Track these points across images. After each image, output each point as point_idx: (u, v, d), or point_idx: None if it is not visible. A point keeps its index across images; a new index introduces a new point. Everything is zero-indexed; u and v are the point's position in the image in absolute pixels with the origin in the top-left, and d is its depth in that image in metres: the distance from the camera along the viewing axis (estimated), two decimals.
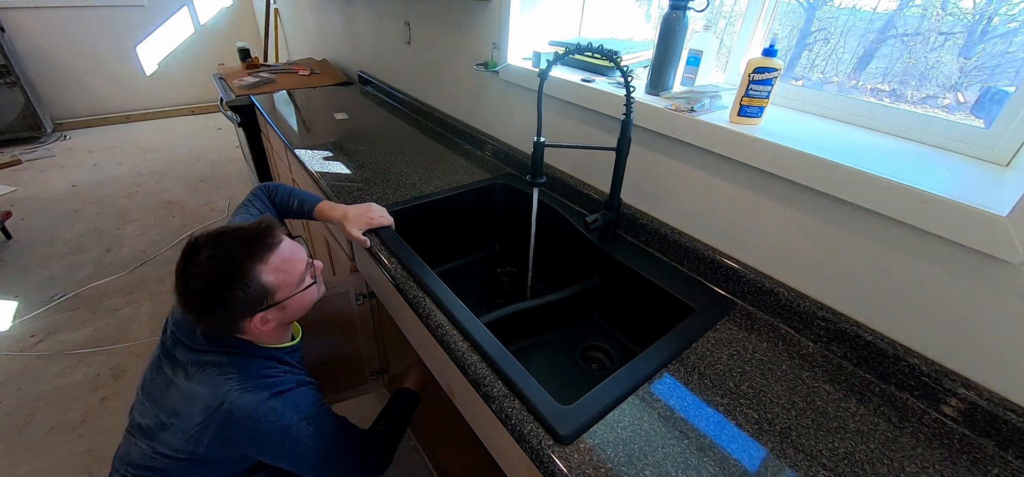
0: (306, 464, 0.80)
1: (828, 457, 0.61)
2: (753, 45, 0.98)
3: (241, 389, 0.75)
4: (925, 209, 0.62)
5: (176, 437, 0.77)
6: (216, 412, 0.74)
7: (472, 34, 1.43)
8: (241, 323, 0.76)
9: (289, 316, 0.83)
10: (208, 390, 0.75)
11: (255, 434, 0.75)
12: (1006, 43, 0.80)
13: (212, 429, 0.74)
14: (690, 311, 0.86)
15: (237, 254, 0.73)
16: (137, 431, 0.83)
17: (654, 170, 1.01)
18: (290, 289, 0.79)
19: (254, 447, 0.77)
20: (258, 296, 0.74)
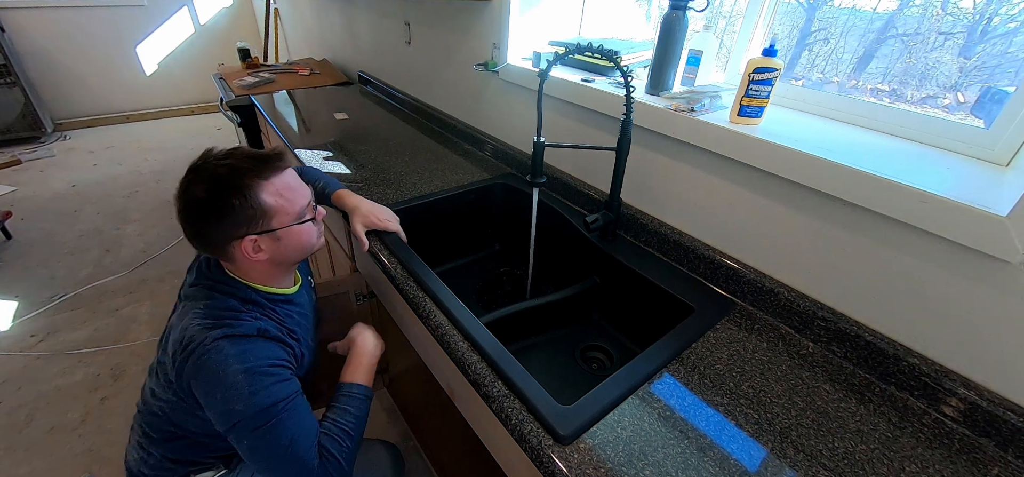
0: (228, 427, 0.71)
1: (828, 457, 0.61)
2: (753, 45, 0.98)
3: (201, 324, 0.72)
4: (925, 209, 0.62)
5: (163, 375, 0.78)
6: (178, 345, 0.73)
7: (472, 34, 1.43)
8: (233, 243, 0.73)
9: (283, 252, 0.79)
10: (180, 324, 0.74)
11: (196, 369, 0.71)
12: (1006, 43, 0.80)
13: (177, 363, 0.73)
14: (690, 311, 0.86)
15: (242, 165, 0.72)
16: (150, 371, 0.85)
17: (654, 170, 1.01)
18: (287, 219, 0.76)
19: (197, 386, 0.72)
20: (254, 214, 0.73)
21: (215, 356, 0.70)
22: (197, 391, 0.72)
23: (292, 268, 0.87)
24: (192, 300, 0.76)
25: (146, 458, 0.85)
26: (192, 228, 0.74)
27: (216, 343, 0.70)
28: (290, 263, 0.84)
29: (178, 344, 0.73)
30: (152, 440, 0.84)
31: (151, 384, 0.83)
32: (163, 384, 0.78)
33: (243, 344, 0.72)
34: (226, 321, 0.73)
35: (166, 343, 0.78)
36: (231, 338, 0.72)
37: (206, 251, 0.78)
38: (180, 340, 0.72)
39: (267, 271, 0.81)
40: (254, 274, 0.80)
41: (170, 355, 0.75)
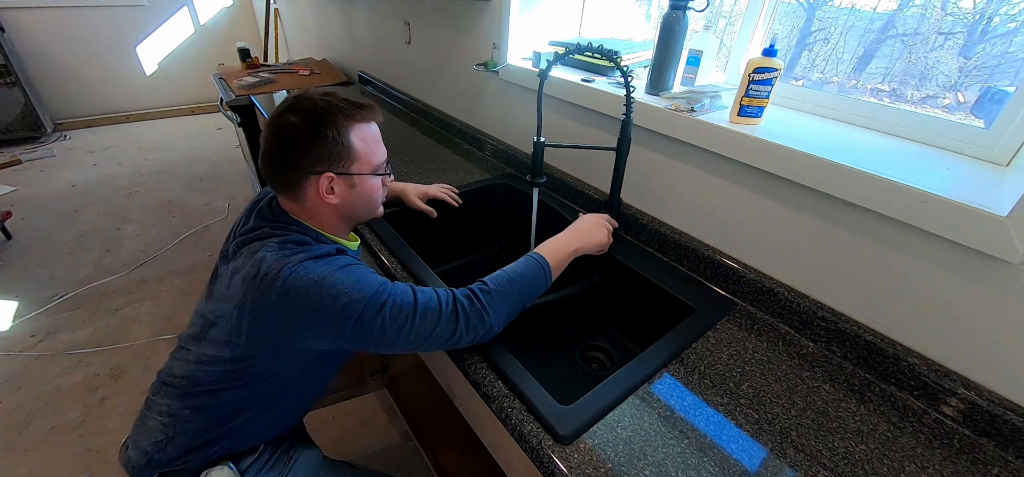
0: (351, 324, 0.66)
1: (828, 457, 0.61)
2: (753, 45, 0.98)
3: (278, 254, 0.69)
4: (925, 209, 0.62)
5: (221, 331, 0.73)
6: (252, 281, 0.68)
7: (472, 34, 1.43)
8: (310, 179, 0.73)
9: (351, 202, 0.78)
10: (247, 262, 0.71)
11: (286, 292, 0.66)
12: (1006, 43, 0.80)
13: (249, 305, 0.69)
14: (690, 311, 0.86)
15: (338, 104, 0.73)
16: (185, 342, 0.80)
17: (654, 170, 1.01)
18: (366, 167, 0.77)
19: (291, 310, 0.67)
20: (339, 152, 0.73)
21: (303, 272, 0.67)
22: (291, 315, 0.67)
23: (351, 226, 0.85)
24: (259, 239, 0.73)
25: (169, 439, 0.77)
26: (277, 155, 0.73)
27: (302, 264, 0.67)
28: (352, 218, 0.82)
29: (252, 280, 0.68)
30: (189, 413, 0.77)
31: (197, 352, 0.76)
32: (222, 341, 0.73)
33: (328, 260, 0.70)
34: (304, 249, 0.71)
35: (226, 290, 0.73)
36: (314, 259, 0.70)
37: (280, 185, 0.75)
38: (255, 275, 0.68)
39: (331, 220, 0.79)
40: (319, 218, 0.78)
41: (238, 300, 0.70)
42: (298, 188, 0.74)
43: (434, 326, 0.68)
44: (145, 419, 0.81)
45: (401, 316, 0.68)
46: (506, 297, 0.74)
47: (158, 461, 0.77)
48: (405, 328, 0.68)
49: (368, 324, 0.66)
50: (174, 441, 0.77)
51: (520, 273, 0.78)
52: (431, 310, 0.69)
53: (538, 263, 0.80)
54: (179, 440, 0.77)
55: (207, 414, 0.77)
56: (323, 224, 0.79)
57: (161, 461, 0.77)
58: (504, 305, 0.74)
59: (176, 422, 0.77)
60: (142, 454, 0.78)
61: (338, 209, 0.77)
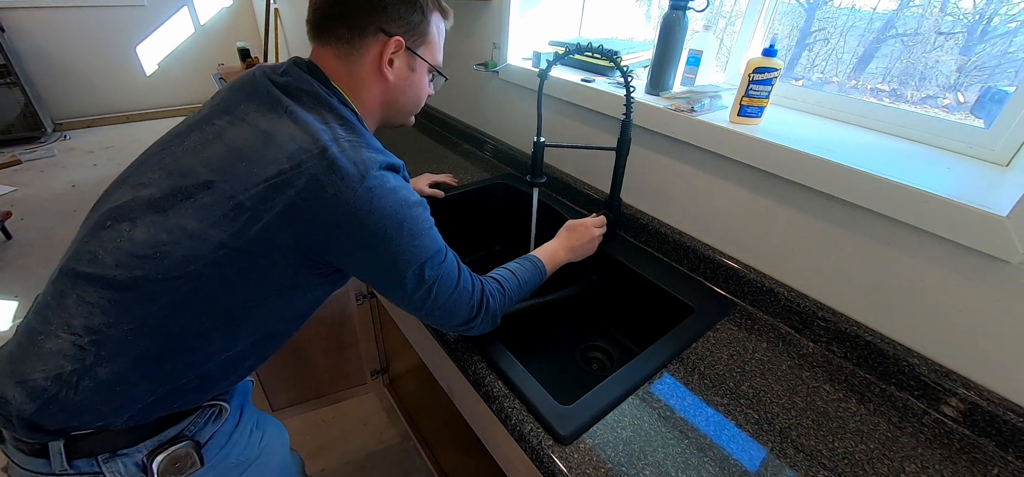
0: (415, 265, 0.58)
1: (828, 457, 0.61)
2: (753, 45, 0.98)
3: (352, 143, 0.56)
4: (925, 209, 0.62)
5: (219, 201, 0.53)
6: (313, 158, 0.52)
7: (472, 34, 1.43)
8: (379, 36, 0.63)
9: (401, 89, 0.69)
10: (302, 130, 0.54)
11: (366, 210, 0.53)
12: (1006, 43, 0.80)
13: (301, 184, 0.52)
14: (690, 311, 0.86)
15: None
16: (133, 211, 0.54)
17: (654, 170, 1.01)
18: (431, 58, 0.71)
19: (352, 230, 0.54)
20: (419, 24, 0.66)
21: (391, 189, 0.56)
22: (353, 232, 0.54)
23: (382, 122, 0.74)
24: (311, 102, 0.58)
25: (84, 373, 0.51)
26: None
27: (386, 176, 0.56)
28: (391, 110, 0.72)
29: (310, 156, 0.52)
30: (129, 333, 0.52)
31: (165, 223, 0.53)
32: (218, 216, 0.53)
33: (403, 183, 0.60)
34: (369, 146, 0.58)
35: (231, 149, 0.55)
36: (392, 170, 0.59)
37: (337, 28, 0.62)
38: (315, 151, 0.53)
39: (373, 102, 0.68)
40: (363, 94, 0.66)
41: (268, 165, 0.53)
42: (359, 42, 0.62)
43: (459, 307, 0.64)
44: (37, 338, 0.52)
45: (448, 284, 0.63)
46: (514, 300, 0.74)
47: (61, 406, 0.51)
48: (444, 295, 0.62)
49: (422, 278, 0.59)
50: (92, 377, 0.51)
51: (527, 279, 0.77)
52: (466, 291, 0.65)
53: (540, 272, 0.80)
54: (101, 376, 0.51)
55: (160, 337, 0.53)
56: (363, 104, 0.66)
57: (66, 407, 0.51)
58: (510, 307, 0.74)
59: (100, 347, 0.51)
60: (30, 393, 0.51)
61: (386, 91, 0.67)
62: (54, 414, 0.52)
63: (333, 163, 0.53)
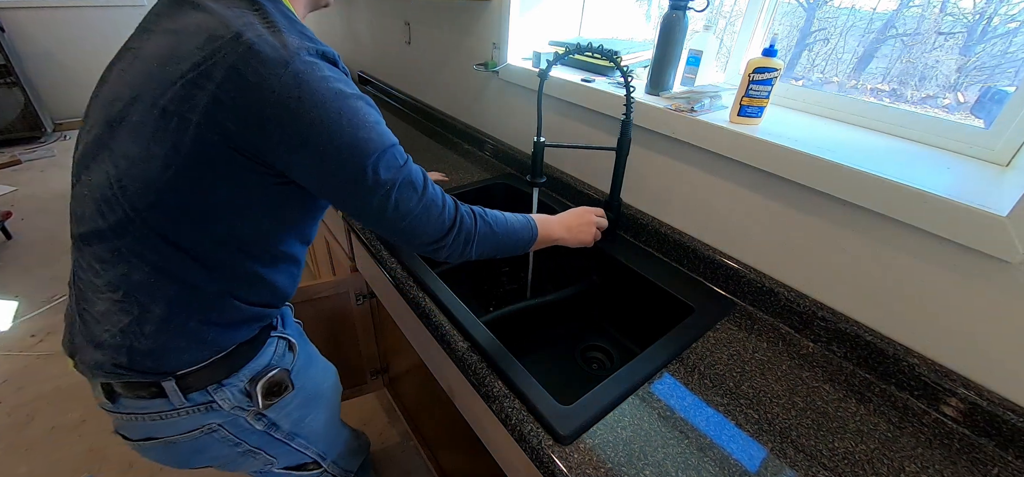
0: (364, 165, 0.53)
1: (828, 457, 0.61)
2: (753, 45, 0.98)
3: (272, 28, 0.51)
4: (925, 209, 0.62)
5: (146, 113, 0.51)
6: (227, 44, 0.49)
7: (472, 34, 1.43)
8: None
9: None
10: (213, 17, 0.50)
11: (294, 94, 0.49)
12: (1006, 43, 0.80)
13: (219, 76, 0.48)
14: (690, 311, 0.86)
15: None
16: (83, 166, 0.57)
17: (654, 170, 1.01)
18: None
19: (287, 120, 0.50)
20: None
21: (320, 74, 0.51)
22: (288, 122, 0.50)
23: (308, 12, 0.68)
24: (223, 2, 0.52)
25: (142, 315, 0.57)
26: None
27: (314, 60, 0.51)
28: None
29: (222, 42, 0.49)
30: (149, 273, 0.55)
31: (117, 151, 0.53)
32: (149, 133, 0.51)
33: (341, 74, 0.55)
34: (300, 34, 0.53)
35: (157, 63, 0.52)
36: (322, 57, 0.53)
37: None
38: (226, 37, 0.49)
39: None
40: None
41: (183, 61, 0.49)
42: None
43: (428, 219, 0.61)
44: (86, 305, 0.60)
45: (410, 189, 0.58)
46: (494, 240, 0.70)
47: (141, 352, 0.58)
48: (407, 204, 0.58)
49: (378, 179, 0.54)
50: (150, 320, 0.57)
51: (514, 229, 0.73)
52: (435, 203, 0.61)
53: (530, 231, 0.76)
54: (157, 315, 0.57)
55: (172, 269, 0.56)
56: None
57: (148, 352, 0.58)
58: (488, 245, 0.69)
59: (134, 294, 0.56)
60: (110, 350, 0.58)
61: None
62: (141, 360, 0.59)
63: (251, 47, 0.49)
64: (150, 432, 0.67)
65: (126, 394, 0.63)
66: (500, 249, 0.72)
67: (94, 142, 0.56)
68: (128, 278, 0.56)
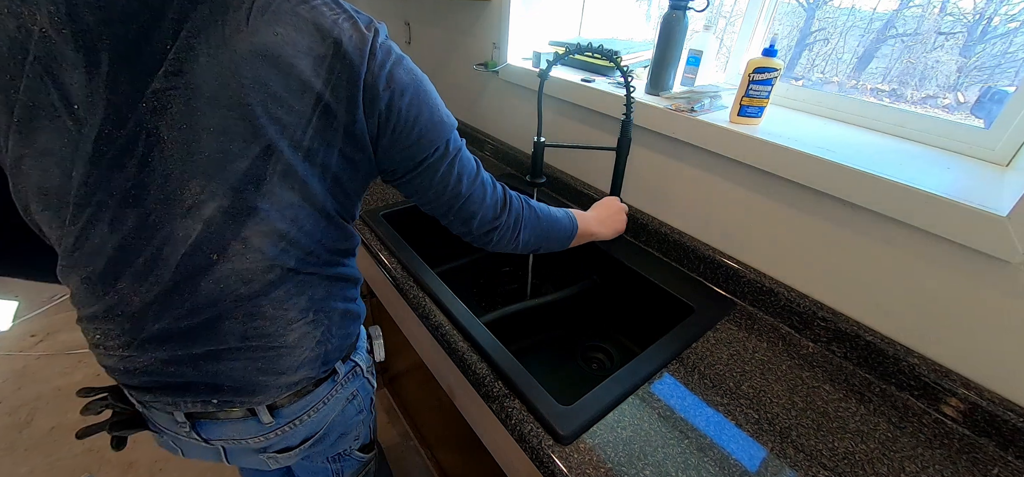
0: (438, 143, 0.56)
1: (828, 457, 0.61)
2: (753, 45, 0.98)
3: (350, 19, 0.49)
4: (925, 209, 0.62)
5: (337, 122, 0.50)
6: (333, 49, 0.47)
7: (472, 34, 1.43)
8: None
9: None
10: (300, 29, 0.46)
11: (395, 69, 0.51)
12: (1006, 43, 0.80)
13: (332, 79, 0.47)
14: (690, 311, 0.86)
15: None
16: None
17: (654, 170, 1.01)
18: None
19: (397, 91, 0.51)
20: None
21: (401, 54, 0.53)
22: (395, 99, 0.51)
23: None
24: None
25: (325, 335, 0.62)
26: None
27: (390, 41, 0.53)
28: None
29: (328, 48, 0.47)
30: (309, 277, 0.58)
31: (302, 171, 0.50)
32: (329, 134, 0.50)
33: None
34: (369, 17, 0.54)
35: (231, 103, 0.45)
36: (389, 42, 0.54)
37: None
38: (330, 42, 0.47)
39: None
40: None
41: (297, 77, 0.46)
42: None
43: (482, 196, 0.62)
44: (277, 341, 0.60)
45: (470, 165, 0.61)
46: (540, 230, 0.70)
47: (331, 351, 0.65)
48: (467, 181, 0.60)
49: (446, 151, 0.58)
50: (333, 317, 0.64)
51: (557, 220, 0.74)
52: (487, 183, 0.64)
53: (572, 225, 0.77)
54: (337, 310, 0.64)
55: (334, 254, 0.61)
56: None
57: (331, 349, 0.65)
58: (535, 234, 0.69)
59: (321, 305, 0.62)
60: (302, 368, 0.62)
61: None
62: (331, 358, 0.66)
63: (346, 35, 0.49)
64: (309, 431, 0.69)
65: (291, 402, 0.64)
66: (545, 239, 0.72)
67: None
68: (313, 298, 0.60)
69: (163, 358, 0.56)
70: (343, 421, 0.73)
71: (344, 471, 0.84)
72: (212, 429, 0.64)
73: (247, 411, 0.62)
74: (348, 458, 0.82)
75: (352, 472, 0.85)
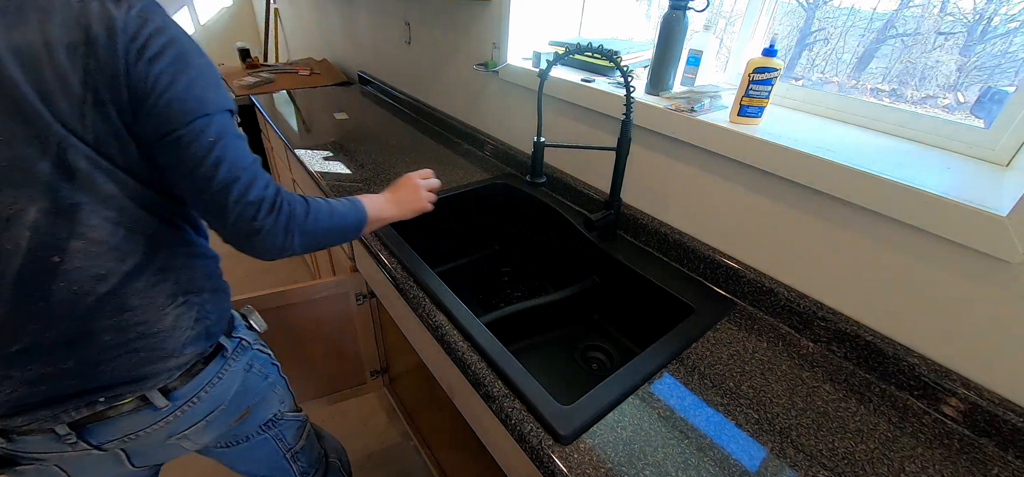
0: (198, 114, 0.54)
1: (828, 457, 0.61)
2: (753, 45, 0.98)
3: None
4: (925, 209, 0.62)
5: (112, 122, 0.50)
6: (85, 34, 0.47)
7: (472, 34, 1.43)
8: None
9: None
10: (51, 19, 0.47)
11: (163, 40, 0.51)
12: (1006, 43, 0.80)
13: (90, 64, 0.48)
14: (690, 311, 0.86)
15: None
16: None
17: (654, 170, 1.01)
18: None
19: (163, 63, 0.51)
20: None
21: (175, 26, 0.53)
22: (161, 71, 0.51)
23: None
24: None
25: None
26: None
27: (166, 16, 0.53)
28: None
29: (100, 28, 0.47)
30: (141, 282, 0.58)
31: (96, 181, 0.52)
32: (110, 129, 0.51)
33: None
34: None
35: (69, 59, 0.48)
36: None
37: None
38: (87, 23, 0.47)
39: None
40: None
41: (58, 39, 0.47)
42: None
43: (244, 196, 0.58)
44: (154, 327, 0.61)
45: (238, 156, 0.57)
46: (319, 232, 0.67)
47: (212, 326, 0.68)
48: (227, 170, 0.56)
49: (209, 126, 0.54)
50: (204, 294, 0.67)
51: (343, 218, 0.72)
52: (258, 182, 0.59)
53: (359, 217, 0.75)
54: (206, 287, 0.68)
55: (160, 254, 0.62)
56: None
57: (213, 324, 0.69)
58: (314, 237, 0.67)
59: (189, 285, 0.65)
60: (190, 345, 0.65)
61: None
62: (215, 330, 0.70)
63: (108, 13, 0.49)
64: (214, 402, 0.70)
65: (183, 383, 0.66)
66: (326, 238, 0.70)
67: None
68: (179, 282, 0.63)
69: (31, 378, 0.55)
70: (252, 390, 0.77)
71: (285, 434, 0.88)
72: (104, 431, 0.63)
73: (139, 400, 0.63)
74: (282, 421, 0.86)
75: (294, 433, 0.90)
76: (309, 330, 1.17)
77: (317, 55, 3.01)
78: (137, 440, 0.66)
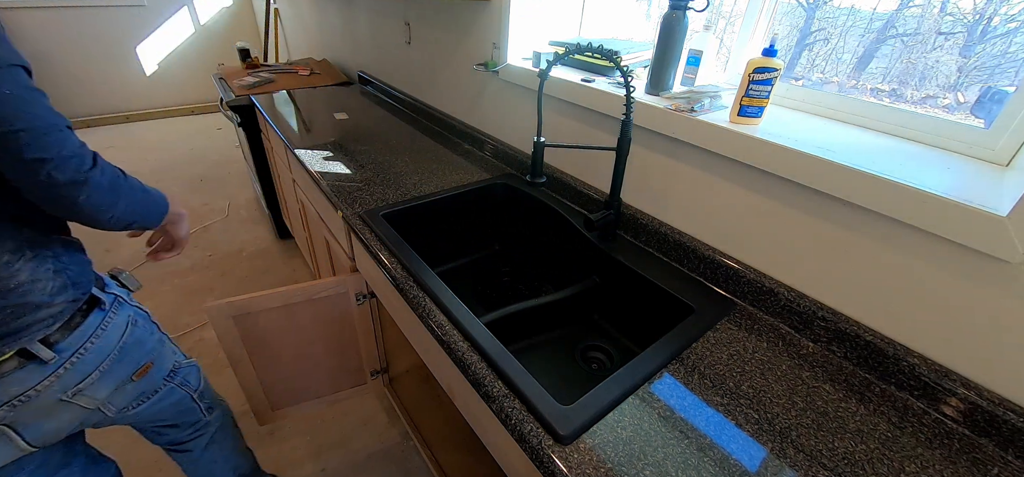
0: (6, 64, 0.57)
1: (828, 457, 0.61)
2: (753, 45, 0.98)
3: None
4: (925, 209, 0.62)
5: None
6: None
7: (472, 34, 1.43)
8: None
9: None
10: None
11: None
12: (1006, 43, 0.80)
13: None
14: (690, 311, 0.86)
15: None
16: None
17: (654, 170, 1.01)
18: None
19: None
20: None
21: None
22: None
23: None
24: None
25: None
26: None
27: None
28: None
29: None
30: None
31: None
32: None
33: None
34: None
35: None
36: None
37: None
38: None
39: None
40: None
41: None
42: None
43: (59, 146, 0.60)
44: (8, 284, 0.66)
45: (34, 105, 0.59)
46: (137, 202, 0.73)
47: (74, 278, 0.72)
48: (28, 116, 0.57)
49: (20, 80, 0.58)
50: (56, 246, 0.71)
51: (151, 198, 0.79)
52: (67, 134, 0.62)
53: (164, 206, 0.84)
54: (55, 240, 0.72)
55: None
56: None
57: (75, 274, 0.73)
58: (133, 205, 0.72)
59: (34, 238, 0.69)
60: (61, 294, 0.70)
61: None
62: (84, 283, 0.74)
63: None
64: (103, 353, 0.75)
65: (65, 335, 0.70)
66: (144, 212, 0.77)
67: None
68: (21, 239, 0.66)
69: None
70: (143, 345, 0.85)
71: (189, 379, 0.98)
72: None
73: (22, 356, 0.66)
74: (182, 368, 0.96)
75: (196, 376, 1.00)
76: (309, 330, 1.17)
77: (317, 55, 3.01)
78: (28, 404, 0.68)
